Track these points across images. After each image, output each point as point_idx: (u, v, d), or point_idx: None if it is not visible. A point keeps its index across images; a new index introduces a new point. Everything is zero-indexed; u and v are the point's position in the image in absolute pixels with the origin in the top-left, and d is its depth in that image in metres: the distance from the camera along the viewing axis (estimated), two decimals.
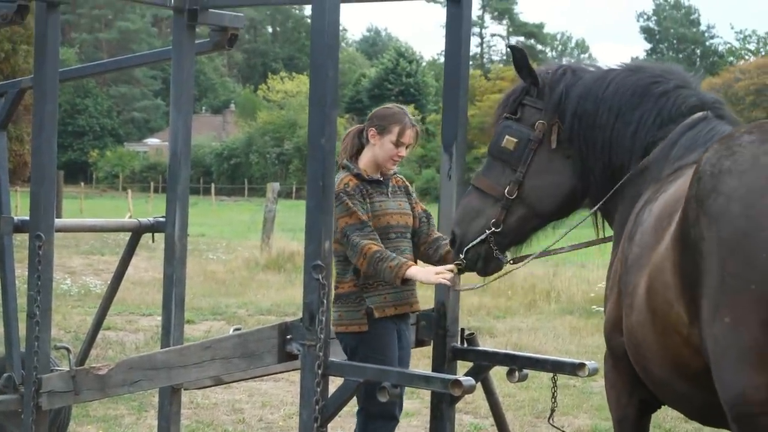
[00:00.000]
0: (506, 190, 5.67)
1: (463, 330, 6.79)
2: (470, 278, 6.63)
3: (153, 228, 8.20)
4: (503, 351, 7.23)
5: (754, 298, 4.17)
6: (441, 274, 5.99)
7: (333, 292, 6.39)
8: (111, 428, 9.78)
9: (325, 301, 5.95)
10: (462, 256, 5.88)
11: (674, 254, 4.49)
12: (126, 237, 8.60)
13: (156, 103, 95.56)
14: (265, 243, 23.56)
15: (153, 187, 66.56)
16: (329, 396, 6.00)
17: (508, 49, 5.81)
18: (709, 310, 4.28)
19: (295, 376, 7.51)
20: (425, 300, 6.85)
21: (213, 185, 71.81)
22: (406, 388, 5.67)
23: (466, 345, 6.79)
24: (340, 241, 6.28)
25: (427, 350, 7.04)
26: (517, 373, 6.53)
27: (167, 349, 6.79)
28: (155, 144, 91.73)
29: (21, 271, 9.58)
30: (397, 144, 6.46)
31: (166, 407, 7.69)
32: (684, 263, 4.42)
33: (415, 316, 6.80)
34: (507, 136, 5.72)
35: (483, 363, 6.69)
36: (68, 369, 7.17)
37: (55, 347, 7.67)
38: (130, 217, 9.49)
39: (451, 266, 6.00)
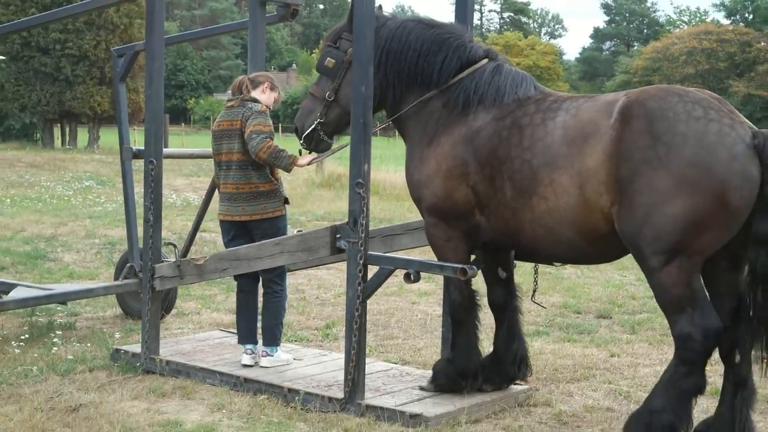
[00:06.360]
0: (327, 95, 6.37)
1: None
2: None
3: None
4: None
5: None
6: (306, 158, 6.67)
7: (245, 194, 6.84)
8: (207, 304, 9.87)
9: (365, 209, 5.94)
10: (301, 141, 6.52)
11: (610, 163, 5.10)
12: None
13: (237, 62, 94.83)
14: (320, 167, 23.48)
15: None
16: (368, 279, 6.03)
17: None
18: (649, 196, 4.96)
19: (343, 266, 7.51)
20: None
21: (280, 125, 71.69)
22: None
23: None
24: (246, 137, 6.73)
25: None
26: None
27: (248, 245, 6.80)
28: None
29: (138, 189, 9.62)
30: (275, 100, 7.11)
31: None
32: (621, 170, 5.05)
33: None
34: (328, 58, 6.42)
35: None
36: (175, 260, 7.21)
37: (165, 244, 7.70)
38: None
39: (303, 153, 6.67)
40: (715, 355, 5.26)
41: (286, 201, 7.03)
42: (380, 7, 6.46)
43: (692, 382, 5.09)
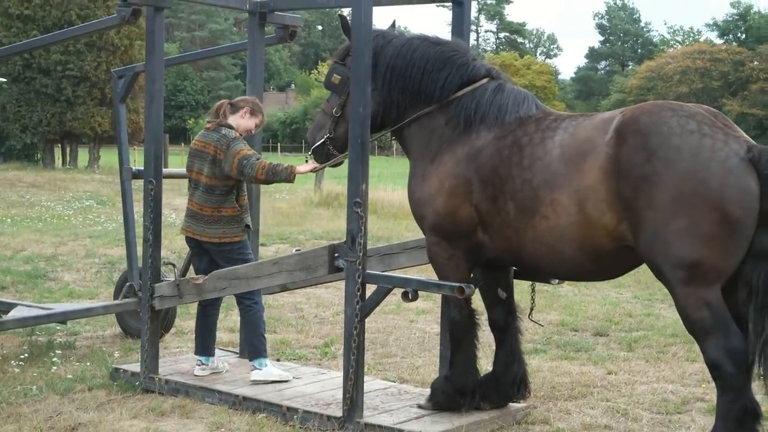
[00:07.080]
0: (334, 111, 6.33)
1: None
2: None
3: None
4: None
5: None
6: (308, 166, 6.61)
7: (206, 216, 6.89)
8: None
9: (363, 228, 5.91)
10: (310, 153, 6.54)
11: (610, 181, 5.06)
12: None
13: (236, 83, 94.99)
14: (318, 187, 23.49)
15: None
16: (367, 298, 6.00)
17: (339, 17, 6.39)
18: (654, 212, 4.92)
19: (341, 284, 7.48)
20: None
21: (279, 144, 71.73)
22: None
23: None
24: (236, 167, 6.70)
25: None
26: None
27: (246, 264, 6.78)
28: None
29: (138, 208, 9.60)
30: (256, 125, 7.15)
31: None
32: (622, 188, 5.03)
33: None
34: (334, 74, 6.37)
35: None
36: (174, 279, 7.19)
37: (164, 263, 7.68)
38: None
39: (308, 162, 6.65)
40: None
41: (247, 226, 7.05)
42: (393, 24, 6.47)
43: (741, 408, 4.95)
